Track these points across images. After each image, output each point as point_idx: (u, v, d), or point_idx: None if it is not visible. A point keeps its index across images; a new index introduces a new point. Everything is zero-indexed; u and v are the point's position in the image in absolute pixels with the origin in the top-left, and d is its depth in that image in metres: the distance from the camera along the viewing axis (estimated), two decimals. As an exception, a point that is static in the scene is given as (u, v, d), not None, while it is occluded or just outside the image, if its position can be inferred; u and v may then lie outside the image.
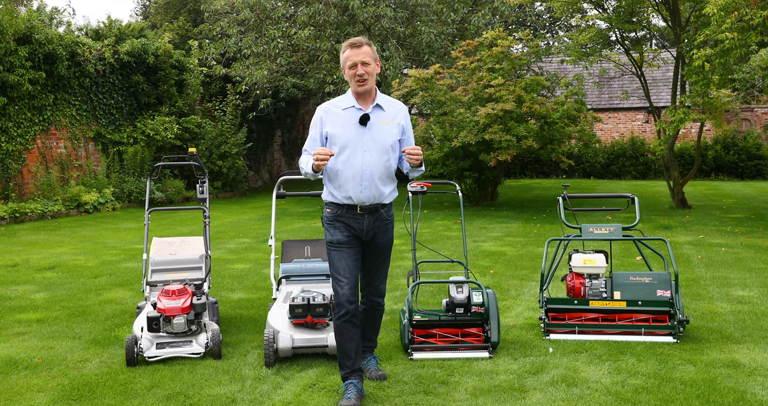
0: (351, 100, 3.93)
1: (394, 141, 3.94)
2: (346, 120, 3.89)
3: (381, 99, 3.97)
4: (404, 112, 4.05)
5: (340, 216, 3.93)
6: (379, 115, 3.93)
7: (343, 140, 3.86)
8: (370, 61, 3.85)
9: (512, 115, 12.18)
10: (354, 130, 3.87)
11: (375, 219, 3.95)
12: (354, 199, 3.87)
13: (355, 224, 3.92)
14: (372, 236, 3.97)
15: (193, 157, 5.44)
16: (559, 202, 5.51)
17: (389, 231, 4.07)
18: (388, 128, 3.92)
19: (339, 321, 3.86)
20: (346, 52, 3.88)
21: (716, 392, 3.88)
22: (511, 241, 9.47)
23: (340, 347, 3.88)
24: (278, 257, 5.70)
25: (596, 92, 23.47)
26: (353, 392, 3.75)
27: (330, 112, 3.94)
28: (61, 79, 13.87)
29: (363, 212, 3.91)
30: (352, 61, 3.84)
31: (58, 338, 5.09)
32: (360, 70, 3.82)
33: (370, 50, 3.87)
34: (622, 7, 12.88)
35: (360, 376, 3.89)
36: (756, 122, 21.87)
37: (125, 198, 14.53)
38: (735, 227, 10.58)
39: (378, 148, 3.87)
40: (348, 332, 3.85)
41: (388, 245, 4.09)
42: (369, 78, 3.85)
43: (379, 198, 3.91)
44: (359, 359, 3.91)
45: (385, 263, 4.14)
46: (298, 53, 16.09)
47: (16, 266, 8.05)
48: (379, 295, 4.19)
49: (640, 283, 5.05)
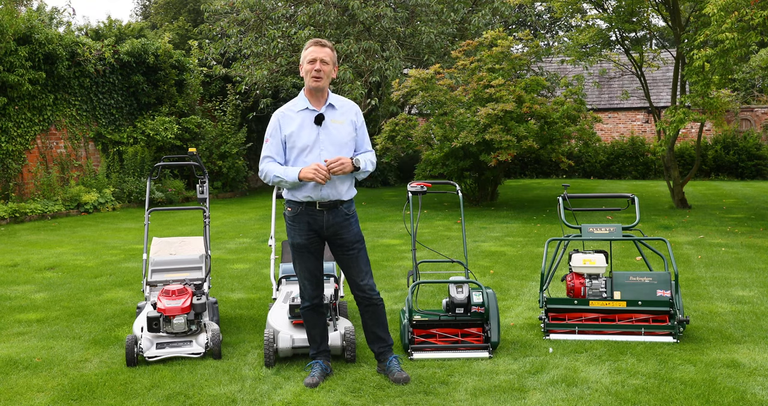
0: (304, 102, 4.08)
1: (348, 139, 4.08)
2: (301, 122, 4.04)
3: (333, 99, 4.13)
4: (355, 110, 4.18)
5: (300, 214, 4.07)
6: (332, 114, 4.08)
7: (301, 142, 4.01)
8: (329, 62, 4.03)
9: (512, 116, 12.19)
10: (309, 131, 4.02)
11: (334, 215, 4.07)
12: (313, 197, 4.02)
13: (314, 220, 4.06)
14: (333, 232, 4.09)
15: (193, 157, 5.44)
16: (559, 202, 5.51)
17: (353, 226, 4.14)
18: (342, 127, 4.07)
19: (302, 310, 4.25)
20: (309, 48, 4.04)
21: (716, 392, 3.88)
22: (511, 241, 9.47)
23: (307, 332, 4.30)
24: (278, 257, 5.71)
25: (596, 92, 23.47)
26: (317, 371, 4.13)
27: (285, 116, 4.09)
28: (61, 79, 13.87)
29: (322, 209, 4.05)
30: (312, 56, 4.00)
31: (58, 338, 5.09)
32: (318, 65, 3.98)
33: (332, 53, 4.06)
34: (622, 7, 12.88)
35: (326, 357, 4.26)
36: (756, 122, 21.87)
37: (125, 198, 14.53)
38: (735, 227, 10.58)
39: (334, 147, 4.02)
40: (311, 318, 4.24)
41: (356, 241, 4.15)
42: (324, 77, 4.01)
43: (338, 195, 4.06)
44: (325, 342, 4.29)
45: (359, 259, 4.16)
46: (298, 53, 16.06)
47: (16, 266, 8.05)
48: (363, 290, 4.18)
49: (640, 283, 5.05)
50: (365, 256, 4.21)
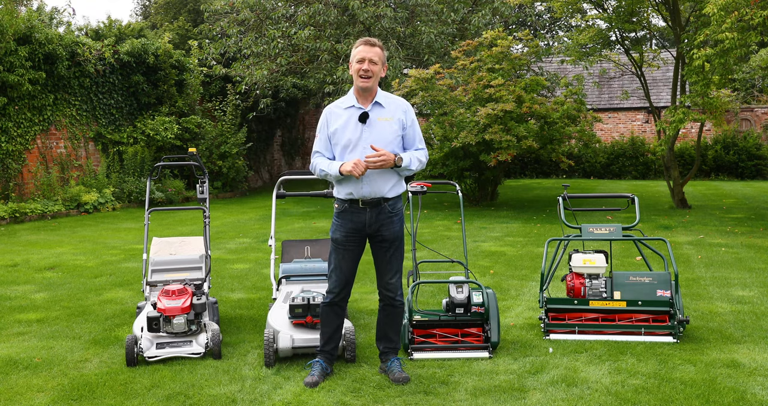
0: (352, 100, 4.11)
1: (393, 137, 4.06)
2: (346, 119, 4.06)
3: (381, 97, 4.12)
4: (404, 108, 4.15)
5: (344, 211, 4.11)
6: (379, 112, 4.07)
7: (345, 138, 4.04)
8: (378, 62, 4.04)
9: (512, 116, 12.19)
10: (354, 128, 4.03)
11: (378, 213, 4.08)
12: (355, 194, 4.04)
13: (357, 218, 4.08)
14: (376, 229, 4.10)
15: (193, 157, 5.44)
16: (559, 202, 5.51)
17: (395, 225, 4.14)
18: (388, 125, 4.06)
19: (323, 306, 4.24)
20: (359, 47, 4.05)
21: (716, 392, 3.88)
22: (511, 241, 9.47)
23: (321, 328, 4.27)
24: (278, 257, 5.71)
25: (596, 92, 23.46)
26: (317, 370, 4.12)
27: (333, 113, 4.12)
28: (61, 79, 13.87)
29: (365, 206, 4.06)
30: (361, 55, 4.02)
31: (58, 338, 5.09)
32: (366, 65, 4.00)
33: (381, 53, 4.07)
34: (622, 7, 12.88)
35: (329, 358, 4.23)
36: (756, 122, 21.86)
37: (125, 198, 14.52)
38: (735, 227, 10.58)
39: (378, 145, 3.99)
40: (327, 316, 4.22)
41: (396, 239, 4.16)
42: (373, 76, 4.03)
43: (381, 193, 4.05)
44: (332, 343, 4.24)
45: (395, 257, 4.19)
46: (298, 53, 16.09)
47: (16, 266, 8.05)
48: (390, 289, 4.21)
49: (640, 283, 5.05)
50: (401, 256, 4.23)
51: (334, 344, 4.27)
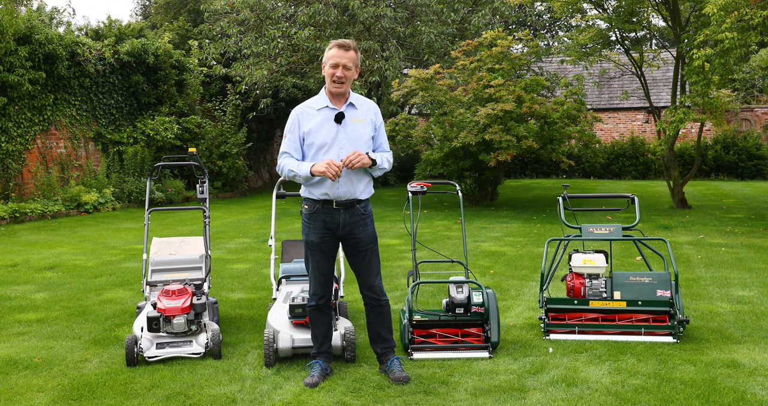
0: (324, 101, 4.10)
1: (368, 138, 4.10)
2: (321, 120, 4.05)
3: (353, 98, 4.13)
4: (375, 110, 4.20)
5: (316, 212, 4.09)
6: (353, 113, 4.09)
7: (320, 139, 4.02)
8: (351, 67, 4.02)
9: (512, 116, 12.19)
10: (329, 129, 4.03)
11: (351, 214, 4.09)
12: (330, 195, 4.04)
13: (330, 219, 4.07)
14: (348, 231, 4.10)
15: (193, 157, 5.43)
16: (559, 202, 5.51)
17: (368, 226, 4.16)
18: (362, 126, 4.08)
19: (309, 310, 4.27)
20: (332, 50, 4.01)
21: (716, 392, 3.88)
22: (511, 241, 9.47)
23: (311, 331, 4.30)
24: (278, 257, 5.70)
25: (596, 92, 23.47)
26: (317, 371, 4.13)
27: (305, 113, 4.10)
28: (61, 79, 13.87)
29: (339, 207, 4.06)
30: (335, 61, 3.99)
31: (58, 338, 5.09)
32: (340, 72, 3.98)
33: (355, 56, 4.03)
34: (622, 7, 12.88)
35: (327, 357, 4.25)
36: (756, 122, 21.87)
37: (125, 198, 14.53)
38: (735, 227, 10.58)
39: (353, 145, 4.02)
40: (316, 319, 4.25)
41: (370, 240, 4.17)
42: (346, 82, 4.03)
43: (355, 194, 4.07)
44: (327, 343, 4.27)
45: (372, 259, 4.19)
46: (298, 53, 16.09)
47: (16, 266, 8.05)
48: (373, 291, 4.21)
49: (640, 283, 5.05)
50: (377, 257, 4.23)
51: (329, 342, 4.29)
